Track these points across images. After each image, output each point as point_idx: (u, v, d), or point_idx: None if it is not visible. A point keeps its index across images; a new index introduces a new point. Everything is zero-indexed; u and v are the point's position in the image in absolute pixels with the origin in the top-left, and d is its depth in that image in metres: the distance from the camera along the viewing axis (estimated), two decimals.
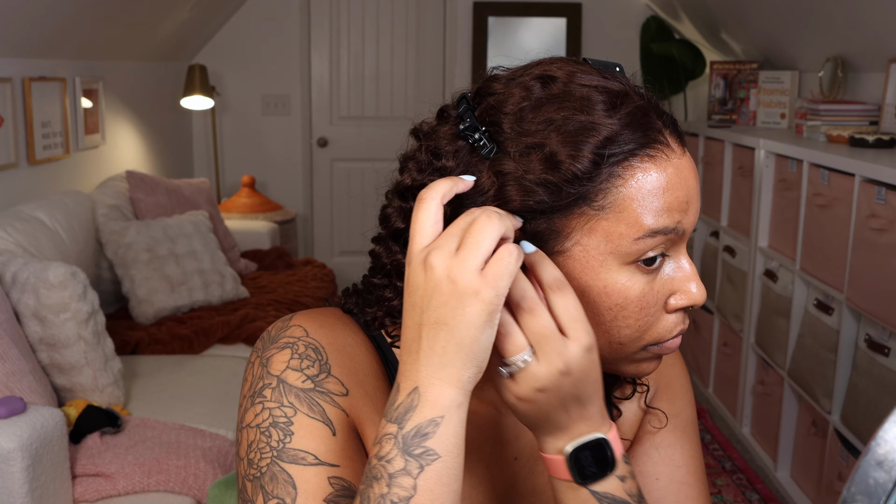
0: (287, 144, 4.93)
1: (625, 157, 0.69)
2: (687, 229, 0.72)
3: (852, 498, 0.54)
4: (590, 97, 0.70)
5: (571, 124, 0.69)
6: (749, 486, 2.95)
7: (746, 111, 3.83)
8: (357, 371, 0.77)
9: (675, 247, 0.72)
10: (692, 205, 0.72)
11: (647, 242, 0.69)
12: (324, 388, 0.74)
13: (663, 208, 0.69)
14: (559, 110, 0.69)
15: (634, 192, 0.69)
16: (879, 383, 2.17)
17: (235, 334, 3.02)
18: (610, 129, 0.69)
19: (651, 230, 0.69)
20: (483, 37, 4.75)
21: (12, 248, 2.43)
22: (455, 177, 0.69)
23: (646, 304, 0.72)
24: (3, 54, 2.84)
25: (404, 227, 0.74)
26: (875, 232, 2.21)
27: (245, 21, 4.78)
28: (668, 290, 0.73)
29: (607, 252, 0.69)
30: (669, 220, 0.70)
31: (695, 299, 0.73)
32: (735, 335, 3.30)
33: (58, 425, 1.90)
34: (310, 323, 0.78)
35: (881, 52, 2.84)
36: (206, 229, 3.40)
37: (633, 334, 0.72)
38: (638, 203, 0.69)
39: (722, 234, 3.47)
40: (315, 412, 0.72)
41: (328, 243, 5.10)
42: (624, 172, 0.69)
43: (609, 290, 0.70)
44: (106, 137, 3.68)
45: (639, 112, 0.70)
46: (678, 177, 0.70)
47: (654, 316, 0.73)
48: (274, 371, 0.74)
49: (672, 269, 0.73)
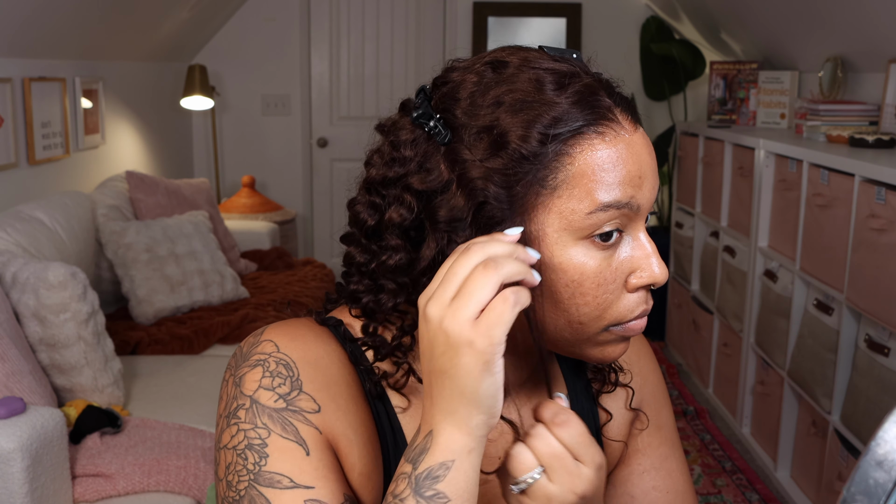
0: (287, 144, 4.94)
1: (572, 135, 0.69)
2: (642, 205, 0.71)
3: (852, 498, 0.54)
4: (538, 79, 0.71)
5: (519, 104, 0.70)
6: (749, 486, 2.95)
7: (746, 111, 3.83)
8: (329, 385, 0.76)
9: (632, 223, 0.72)
10: (646, 180, 0.72)
11: (599, 216, 0.69)
12: (296, 406, 0.74)
13: (615, 182, 0.69)
14: (508, 92, 0.70)
15: (584, 168, 0.69)
16: (879, 383, 2.17)
17: (235, 334, 3.02)
18: (558, 109, 0.69)
19: (603, 204, 0.69)
20: (483, 37, 4.75)
21: (12, 249, 2.43)
22: (521, 249, 0.67)
23: (603, 281, 0.71)
24: (3, 54, 2.84)
25: (374, 223, 0.75)
26: (875, 232, 2.21)
27: (245, 21, 4.78)
28: (627, 268, 0.72)
29: (561, 228, 0.70)
30: (622, 194, 0.70)
31: (655, 277, 0.72)
32: (735, 335, 3.30)
33: (58, 425, 1.90)
34: (281, 337, 0.77)
35: (881, 52, 2.84)
36: (205, 229, 3.40)
37: (593, 313, 0.72)
38: (588, 178, 0.69)
39: (722, 235, 3.47)
40: (289, 433, 0.72)
41: (328, 243, 5.10)
42: (573, 150, 0.69)
43: (565, 266, 0.70)
44: (106, 137, 3.68)
45: (587, 90, 0.71)
46: (629, 152, 0.70)
47: (614, 294, 0.72)
48: (247, 391, 0.74)
49: (631, 247, 0.72)
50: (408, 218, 0.73)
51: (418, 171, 0.73)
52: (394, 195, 0.74)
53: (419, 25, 4.89)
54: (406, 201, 0.73)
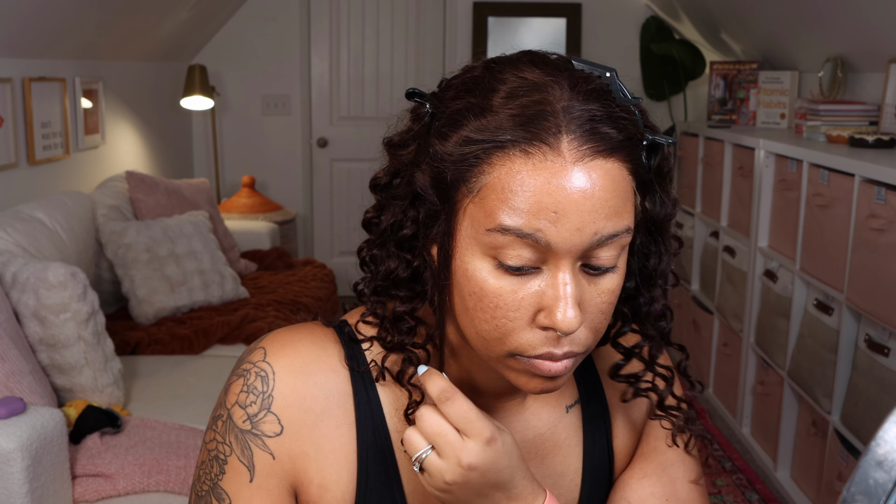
0: (287, 144, 4.93)
1: (497, 146, 0.67)
2: (553, 243, 0.66)
3: (852, 498, 0.54)
4: (498, 85, 0.70)
5: (462, 104, 0.70)
6: (749, 486, 2.95)
7: (746, 111, 3.83)
8: (305, 396, 0.79)
9: (552, 261, 0.68)
10: (566, 219, 0.66)
11: (496, 238, 0.67)
12: (259, 430, 0.79)
13: (521, 209, 0.66)
14: (467, 93, 0.71)
15: (496, 183, 0.67)
16: (879, 383, 2.17)
17: (235, 334, 3.02)
18: (491, 117, 0.68)
19: (501, 226, 0.67)
20: (483, 37, 4.75)
21: (12, 249, 2.43)
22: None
23: (502, 304, 0.69)
24: (3, 54, 2.84)
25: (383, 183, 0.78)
26: (875, 232, 2.21)
27: (245, 21, 4.78)
28: (536, 302, 0.69)
29: (470, 236, 0.70)
30: (526, 223, 0.66)
31: (556, 323, 0.68)
32: (735, 335, 3.30)
33: (58, 426, 1.90)
34: (273, 343, 0.81)
35: (881, 52, 2.84)
36: (205, 229, 3.40)
37: (493, 333, 0.70)
38: (497, 195, 0.67)
39: (722, 235, 3.47)
40: (245, 456, 0.79)
41: (328, 243, 5.10)
42: (493, 161, 0.68)
43: (469, 275, 0.70)
44: (106, 138, 3.68)
45: (535, 107, 0.67)
46: (552, 184, 0.66)
47: (515, 322, 0.69)
48: (228, 402, 0.80)
49: (545, 284, 0.69)
50: (382, 179, 0.77)
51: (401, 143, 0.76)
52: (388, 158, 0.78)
53: (419, 25, 4.89)
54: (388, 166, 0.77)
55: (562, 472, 0.87)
